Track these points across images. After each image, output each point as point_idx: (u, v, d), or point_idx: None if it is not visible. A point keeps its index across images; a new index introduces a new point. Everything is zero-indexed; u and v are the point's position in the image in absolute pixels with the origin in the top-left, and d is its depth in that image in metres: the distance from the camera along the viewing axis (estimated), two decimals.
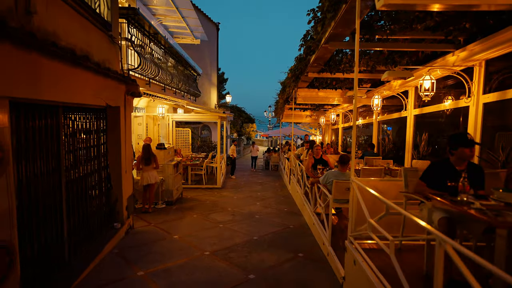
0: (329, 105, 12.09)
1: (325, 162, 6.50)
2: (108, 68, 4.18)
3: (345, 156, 4.74)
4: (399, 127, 8.25)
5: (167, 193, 7.45)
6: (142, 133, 9.68)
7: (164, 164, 7.44)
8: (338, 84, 8.27)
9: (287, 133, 16.80)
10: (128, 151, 5.20)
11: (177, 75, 9.52)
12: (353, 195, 3.29)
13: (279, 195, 8.97)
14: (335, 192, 4.67)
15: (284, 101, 9.28)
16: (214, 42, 17.48)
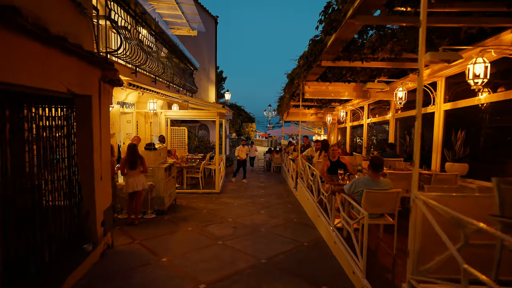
0: (337, 102, 11.07)
1: (343, 166, 5.47)
2: (74, 44, 3.12)
3: (377, 159, 3.71)
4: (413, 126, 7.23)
5: (157, 200, 6.39)
6: (132, 132, 8.60)
7: (154, 167, 6.37)
8: (352, 76, 7.24)
9: (290, 132, 15.80)
10: (105, 152, 4.14)
11: (170, 67, 8.45)
12: (415, 217, 2.24)
13: (285, 202, 7.93)
14: (366, 205, 3.63)
15: (290, 96, 8.26)
16: (212, 37, 16.43)
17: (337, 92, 8.04)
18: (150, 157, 6.32)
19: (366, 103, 9.94)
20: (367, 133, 10.10)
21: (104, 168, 4.14)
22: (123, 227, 5.44)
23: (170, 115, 8.59)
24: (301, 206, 7.37)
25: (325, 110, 10.84)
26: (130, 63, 5.46)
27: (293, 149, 11.57)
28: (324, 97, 8.08)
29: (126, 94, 7.65)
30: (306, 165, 7.04)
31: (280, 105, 11.42)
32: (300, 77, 6.73)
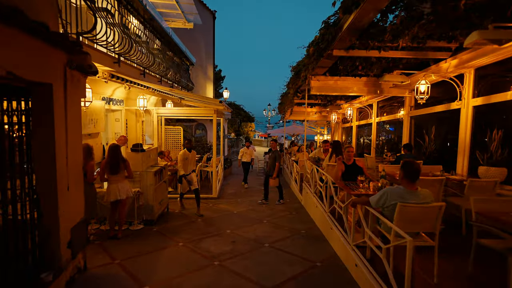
0: (343, 100, 10.28)
1: (360, 170, 4.68)
2: (14, 10, 2.31)
3: (413, 165, 2.91)
4: (438, 123, 6.46)
5: (146, 209, 5.58)
6: (121, 131, 7.78)
7: (141, 171, 5.56)
8: (364, 70, 6.45)
9: (292, 132, 15.03)
10: (73, 156, 3.32)
11: (163, 60, 7.64)
12: None
13: (289, 208, 7.13)
14: (400, 222, 2.85)
15: (294, 92, 7.46)
16: (210, 32, 15.61)
17: (346, 87, 7.25)
18: (137, 159, 5.51)
19: (375, 101, 9.16)
20: (376, 133, 9.32)
21: (73, 175, 3.33)
22: (103, 242, 4.63)
23: (162, 113, 7.79)
24: (308, 213, 6.58)
25: (331, 108, 10.04)
26: (112, 50, 4.64)
27: (297, 149, 10.77)
28: (332, 93, 7.29)
29: (113, 89, 6.83)
30: (313, 169, 6.25)
31: (282, 103, 10.63)
32: (308, 69, 5.94)
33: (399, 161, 6.12)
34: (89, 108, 5.56)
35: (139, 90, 6.62)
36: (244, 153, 10.05)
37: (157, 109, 7.68)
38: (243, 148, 10.28)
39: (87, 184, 4.48)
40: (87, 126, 5.65)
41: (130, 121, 8.19)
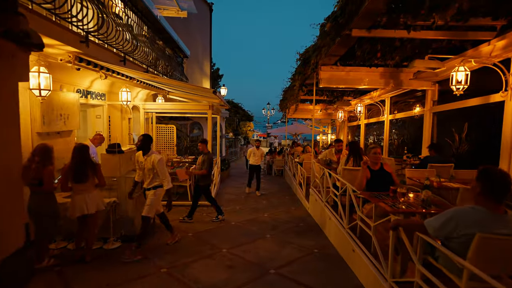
0: (350, 96, 9.30)
1: (388, 177, 3.70)
2: None
3: (503, 175, 1.94)
4: (471, 120, 5.50)
5: (124, 223, 4.57)
6: (103, 130, 6.76)
7: (120, 177, 4.56)
8: (385, 57, 5.48)
9: (294, 131, 14.05)
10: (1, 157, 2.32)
11: (151, 48, 6.63)
12: None
13: (295, 218, 6.14)
14: (480, 260, 1.87)
15: (300, 84, 6.47)
16: (207, 25, 14.60)
17: (360, 79, 6.26)
18: (114, 163, 4.51)
19: (389, 96, 8.19)
20: (389, 132, 8.35)
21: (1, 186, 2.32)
22: (66, 267, 3.62)
23: (150, 108, 6.78)
24: (318, 225, 5.60)
25: (338, 105, 9.07)
26: (77, 25, 3.64)
27: (302, 150, 9.79)
28: (344, 85, 6.30)
29: (91, 80, 5.81)
30: (325, 173, 5.26)
31: (284, 99, 9.64)
32: (320, 53, 4.96)
33: (426, 164, 5.16)
34: (56, 99, 4.55)
35: (120, 81, 5.61)
36: (253, 154, 8.46)
37: (143, 104, 6.68)
38: (252, 148, 8.72)
39: (45, 195, 3.49)
40: (55, 123, 4.63)
41: (114, 118, 7.17)
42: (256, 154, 8.44)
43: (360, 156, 4.64)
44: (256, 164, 8.42)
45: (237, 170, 13.51)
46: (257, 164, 8.44)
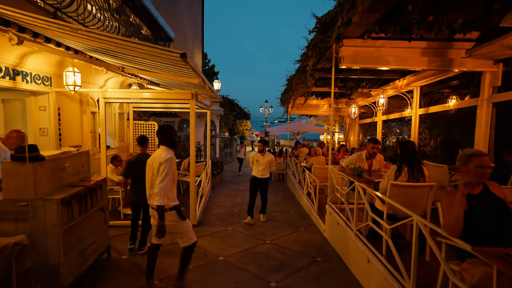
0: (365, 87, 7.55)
1: (504, 207, 1.97)
2: None
3: None
4: None
5: (42, 273, 2.79)
6: (50, 127, 4.96)
7: (35, 199, 2.77)
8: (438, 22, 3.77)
9: (297, 130, 12.34)
10: None
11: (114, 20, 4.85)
12: None
13: (308, 246, 4.40)
14: None
15: (315, 63, 4.68)
16: (198, 12, 12.81)
17: (394, 57, 4.57)
18: (25, 177, 2.72)
19: (418, 85, 6.49)
20: (418, 130, 6.63)
21: None
22: None
23: (111, 97, 4.98)
24: (342, 260, 3.87)
25: (357, 96, 7.31)
26: None
27: (308, 152, 8.06)
28: (373, 65, 4.57)
29: (20, 54, 4.02)
30: (356, 188, 3.51)
31: (287, 91, 7.87)
32: (348, 12, 3.23)
33: (507, 174, 3.46)
34: None
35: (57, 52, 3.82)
36: (256, 162, 5.56)
37: (102, 92, 4.89)
38: (255, 154, 5.68)
39: None
40: None
41: (69, 111, 5.37)
42: (261, 162, 5.47)
43: (418, 164, 2.91)
44: (262, 177, 5.47)
45: (231, 174, 11.72)
46: (264, 177, 5.49)
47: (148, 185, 2.90)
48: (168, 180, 2.71)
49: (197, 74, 3.30)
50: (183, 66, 3.09)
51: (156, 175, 2.75)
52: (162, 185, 2.67)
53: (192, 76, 3.62)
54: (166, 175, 2.69)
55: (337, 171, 4.55)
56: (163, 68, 3.80)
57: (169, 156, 2.75)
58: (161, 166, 2.71)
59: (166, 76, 4.13)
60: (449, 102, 6.33)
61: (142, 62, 3.71)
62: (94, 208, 3.52)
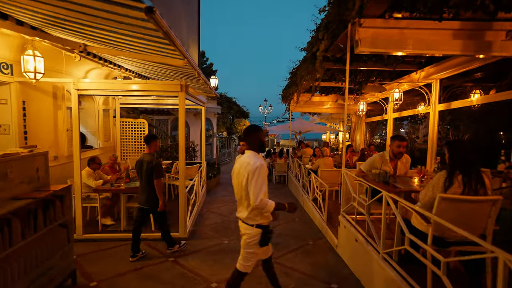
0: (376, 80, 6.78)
1: None
2: None
3: None
4: None
5: None
6: (11, 124, 4.15)
7: None
8: None
9: (299, 129, 11.56)
10: None
11: None
12: None
13: (320, 269, 3.63)
14: None
15: (327, 47, 3.90)
16: (195, 2, 12.03)
17: (421, 41, 3.81)
18: None
19: (438, 77, 5.73)
20: (437, 127, 5.87)
21: None
22: None
23: (86, 88, 4.15)
24: (358, 281, 3.10)
25: (369, 90, 6.54)
26: None
27: (313, 153, 7.30)
28: (396, 50, 3.81)
29: None
30: (386, 200, 2.74)
31: (290, 85, 7.09)
32: None
33: None
34: None
35: None
36: None
37: (75, 83, 4.07)
38: (259, 165, 3.06)
39: None
40: None
41: (37, 105, 4.57)
42: None
43: (477, 172, 2.14)
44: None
45: (229, 176, 10.86)
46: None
47: (238, 197, 2.44)
48: (264, 191, 2.23)
49: (179, 52, 2.51)
50: (157, 38, 2.31)
51: (245, 187, 2.26)
52: (259, 199, 2.19)
53: (175, 55, 2.81)
54: (261, 186, 2.20)
55: (353, 176, 3.78)
56: (133, 45, 3.01)
57: (259, 164, 2.22)
58: (250, 176, 2.20)
59: (138, 57, 3.32)
60: (471, 97, 5.60)
61: (106, 37, 2.90)
62: (50, 225, 2.73)
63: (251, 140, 2.38)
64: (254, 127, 2.46)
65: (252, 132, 2.40)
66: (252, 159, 2.26)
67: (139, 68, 5.29)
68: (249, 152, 2.36)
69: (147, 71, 5.48)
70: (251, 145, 2.38)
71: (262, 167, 2.22)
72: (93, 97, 6.44)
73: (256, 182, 2.17)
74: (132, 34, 2.47)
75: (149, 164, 3.69)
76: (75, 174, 4.23)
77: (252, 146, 2.38)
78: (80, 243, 4.19)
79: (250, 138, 2.39)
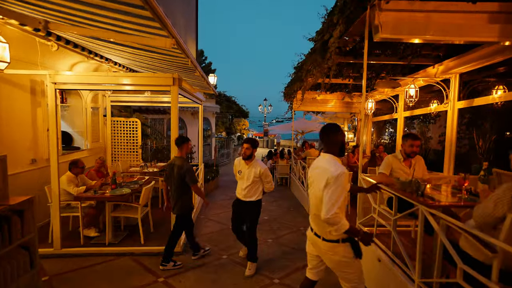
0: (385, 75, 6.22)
1: None
2: None
3: None
4: None
5: None
6: None
7: None
8: None
9: (301, 128, 10.95)
10: None
11: None
12: None
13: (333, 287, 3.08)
14: None
15: (342, 33, 3.34)
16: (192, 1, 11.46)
17: (452, 25, 3.30)
18: None
19: (458, 72, 5.19)
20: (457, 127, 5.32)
21: None
22: None
23: (64, 81, 3.58)
24: None
25: (381, 86, 5.98)
26: None
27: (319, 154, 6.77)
28: (423, 36, 3.26)
29: None
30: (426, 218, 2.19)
31: (294, 82, 6.53)
32: None
33: None
34: None
35: None
36: (239, 174, 3.49)
37: (52, 75, 3.50)
38: (238, 161, 3.52)
39: None
40: None
41: (8, 101, 4.00)
42: (246, 175, 3.38)
43: None
44: (247, 200, 3.41)
45: (228, 178, 10.34)
46: (250, 199, 3.40)
47: (314, 211, 2.05)
48: (340, 205, 1.83)
49: (162, 25, 1.94)
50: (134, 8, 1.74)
51: (322, 195, 1.88)
52: (332, 212, 1.81)
53: (159, 33, 2.22)
54: (338, 197, 1.83)
55: (370, 181, 3.23)
56: (106, 22, 2.44)
57: (341, 171, 1.85)
58: (328, 184, 1.84)
59: (113, 36, 2.72)
60: (494, 93, 5.08)
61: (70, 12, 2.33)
62: (4, 249, 2.17)
63: (331, 142, 2.02)
64: (334, 126, 2.09)
65: (332, 132, 2.03)
66: (333, 165, 1.90)
67: (129, 61, 4.73)
68: (327, 156, 2.01)
69: (137, 64, 4.93)
70: (330, 147, 2.01)
71: (344, 176, 1.86)
72: (81, 94, 5.88)
73: (333, 192, 1.82)
74: (101, 3, 1.91)
75: (180, 169, 3.35)
76: (52, 180, 3.67)
77: (331, 148, 2.01)
78: (58, 260, 3.63)
79: (329, 139, 2.03)
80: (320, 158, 2.08)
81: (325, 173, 1.89)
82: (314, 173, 2.04)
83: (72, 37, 3.53)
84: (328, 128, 2.08)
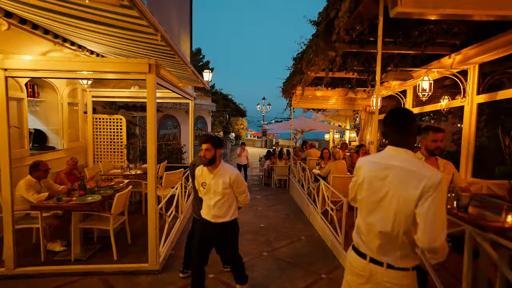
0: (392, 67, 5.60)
1: None
2: None
3: None
4: None
5: None
6: None
7: None
8: None
9: (301, 127, 10.36)
10: None
11: None
12: None
13: None
14: None
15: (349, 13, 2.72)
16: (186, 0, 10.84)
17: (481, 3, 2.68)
18: None
19: (477, 62, 4.58)
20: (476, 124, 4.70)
21: None
22: None
23: (16, 68, 2.97)
24: None
25: (392, 77, 5.34)
26: None
27: (321, 155, 6.13)
28: (451, 12, 2.65)
29: None
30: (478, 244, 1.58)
31: (293, 75, 5.90)
32: None
33: None
34: None
35: None
36: (204, 187, 2.54)
37: (9, 60, 2.88)
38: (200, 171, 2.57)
39: None
40: None
41: None
42: (212, 187, 2.48)
43: None
44: (217, 222, 2.51)
45: None
46: (223, 220, 2.51)
47: (383, 229, 1.36)
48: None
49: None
50: None
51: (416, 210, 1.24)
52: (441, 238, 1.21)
53: None
54: (445, 213, 1.25)
55: None
56: None
57: (440, 175, 1.24)
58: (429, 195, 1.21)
59: None
60: None
61: None
62: None
63: (410, 132, 1.38)
64: (410, 112, 1.42)
65: (412, 118, 1.38)
66: (422, 167, 1.28)
67: (105, 47, 4.10)
68: (403, 152, 1.36)
69: (116, 52, 4.29)
70: (408, 139, 1.38)
71: (445, 181, 1.26)
72: (55, 88, 5.25)
73: (438, 206, 1.21)
74: None
75: None
76: (3, 186, 3.03)
77: (409, 141, 1.38)
78: (9, 282, 2.99)
79: (407, 128, 1.38)
80: (391, 154, 1.39)
81: (413, 177, 1.26)
82: (382, 174, 1.36)
83: (28, 12, 2.90)
84: (404, 112, 1.41)
